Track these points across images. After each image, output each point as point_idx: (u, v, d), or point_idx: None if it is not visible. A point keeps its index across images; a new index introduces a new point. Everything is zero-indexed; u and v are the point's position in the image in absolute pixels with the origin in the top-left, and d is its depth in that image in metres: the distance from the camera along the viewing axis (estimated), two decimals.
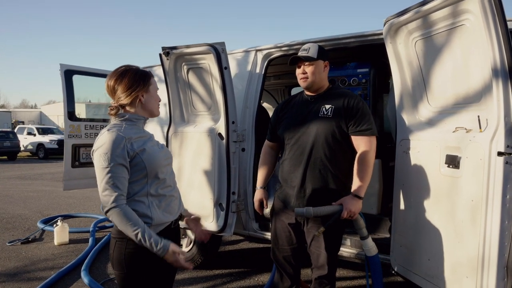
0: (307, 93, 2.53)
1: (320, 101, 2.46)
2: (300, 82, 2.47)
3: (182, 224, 2.14)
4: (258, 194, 2.69)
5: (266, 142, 2.76)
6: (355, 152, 2.40)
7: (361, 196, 2.30)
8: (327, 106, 2.41)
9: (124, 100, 1.85)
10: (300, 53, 2.44)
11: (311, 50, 2.42)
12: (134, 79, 1.86)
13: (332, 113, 2.38)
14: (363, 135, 2.36)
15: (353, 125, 2.37)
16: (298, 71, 2.46)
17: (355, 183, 2.33)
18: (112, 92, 1.87)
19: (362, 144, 2.36)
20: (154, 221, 1.84)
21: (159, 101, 1.99)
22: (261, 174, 2.73)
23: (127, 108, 1.89)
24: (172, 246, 1.79)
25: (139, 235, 1.73)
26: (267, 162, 2.74)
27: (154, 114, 1.97)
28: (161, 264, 1.93)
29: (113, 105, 1.88)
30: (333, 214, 2.29)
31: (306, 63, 2.42)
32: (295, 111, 2.52)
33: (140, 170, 1.82)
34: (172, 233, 1.99)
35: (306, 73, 2.42)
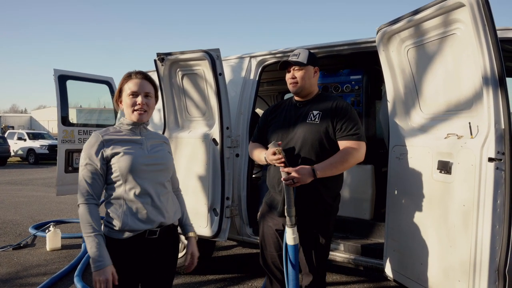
0: (296, 98, 2.53)
1: (309, 107, 2.45)
2: (289, 87, 2.46)
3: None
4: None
5: (251, 143, 2.67)
6: None
7: (317, 173, 2.21)
8: (315, 112, 2.40)
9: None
10: (291, 58, 2.44)
11: (302, 56, 2.42)
12: (119, 83, 1.97)
13: (319, 119, 2.37)
14: (351, 139, 2.32)
15: (340, 129, 2.34)
16: (288, 76, 2.46)
17: (322, 162, 2.27)
18: None
19: (350, 146, 2.32)
20: (121, 226, 1.83)
21: (136, 105, 1.89)
22: (260, 150, 2.52)
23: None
24: (109, 271, 1.73)
25: (89, 240, 1.76)
26: (260, 145, 2.58)
27: (132, 119, 1.92)
28: (135, 272, 1.89)
29: None
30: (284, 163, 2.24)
31: (296, 68, 2.42)
32: (284, 116, 2.51)
33: (114, 172, 1.85)
34: (151, 243, 1.90)
35: (296, 77, 2.41)
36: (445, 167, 2.32)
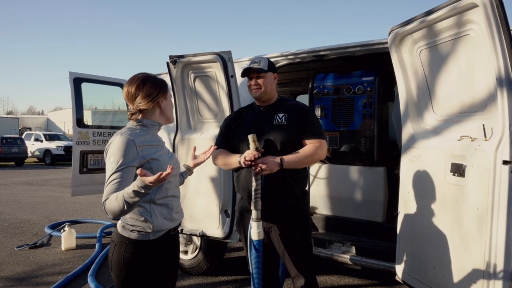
0: (258, 103, 2.61)
1: (273, 111, 2.54)
2: (252, 92, 2.55)
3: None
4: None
5: (216, 150, 2.61)
6: None
7: (284, 163, 2.32)
8: (281, 115, 2.50)
9: (144, 105, 1.90)
10: (251, 65, 2.53)
11: (262, 63, 2.53)
12: (155, 86, 1.93)
13: (286, 120, 2.47)
14: (316, 137, 2.45)
15: (305, 130, 2.46)
16: (251, 82, 2.55)
17: (289, 155, 2.37)
18: (132, 98, 1.92)
19: (314, 144, 2.44)
20: (154, 228, 1.89)
21: (173, 108, 2.06)
22: (229, 154, 2.56)
23: (144, 114, 1.94)
24: (143, 178, 1.60)
25: (124, 198, 1.65)
26: (227, 151, 2.61)
27: (170, 120, 2.04)
28: (159, 269, 1.97)
29: (131, 110, 1.95)
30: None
31: (258, 75, 2.51)
32: (249, 121, 2.57)
33: None
34: (171, 239, 2.03)
35: (258, 83, 2.51)
36: (458, 169, 2.29)
